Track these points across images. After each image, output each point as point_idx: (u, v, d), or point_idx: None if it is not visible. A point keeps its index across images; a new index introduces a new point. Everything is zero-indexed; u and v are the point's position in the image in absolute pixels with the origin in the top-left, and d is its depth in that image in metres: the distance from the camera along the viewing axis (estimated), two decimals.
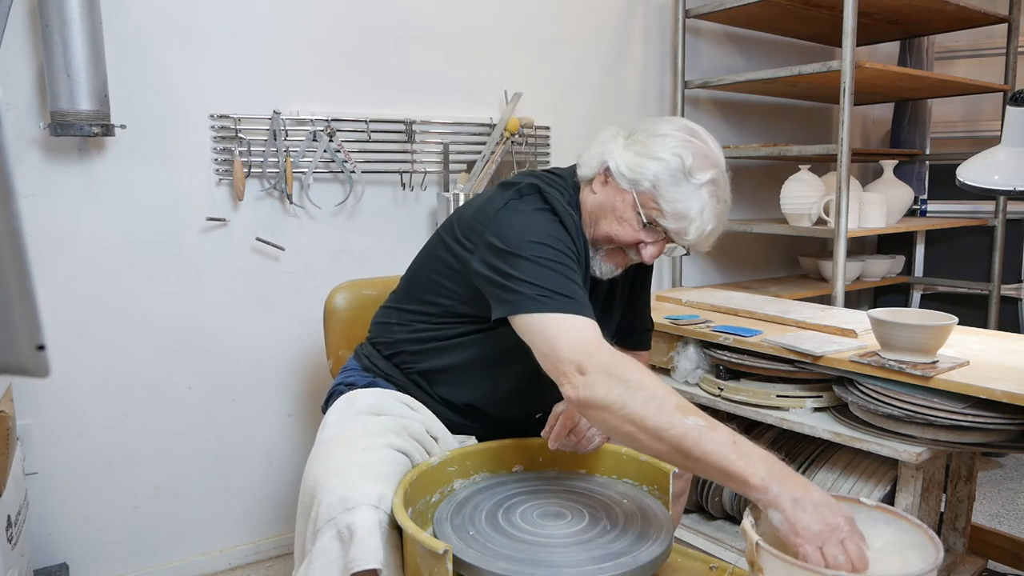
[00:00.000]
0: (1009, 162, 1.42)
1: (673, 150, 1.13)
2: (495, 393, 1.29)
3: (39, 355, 0.45)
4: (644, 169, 1.13)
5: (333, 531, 0.99)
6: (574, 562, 0.95)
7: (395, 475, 1.08)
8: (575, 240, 1.15)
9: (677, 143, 1.14)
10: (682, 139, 1.14)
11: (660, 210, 1.13)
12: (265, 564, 2.00)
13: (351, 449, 1.10)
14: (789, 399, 1.62)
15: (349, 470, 1.05)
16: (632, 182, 1.15)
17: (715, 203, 1.14)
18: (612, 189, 1.18)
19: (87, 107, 1.55)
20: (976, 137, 3.10)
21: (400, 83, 2.06)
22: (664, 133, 1.15)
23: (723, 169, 1.16)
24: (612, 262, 1.23)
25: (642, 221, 1.15)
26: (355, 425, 1.18)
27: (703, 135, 1.18)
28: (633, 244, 1.19)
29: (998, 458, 2.64)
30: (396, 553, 1.02)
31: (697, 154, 1.13)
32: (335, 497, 1.00)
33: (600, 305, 1.29)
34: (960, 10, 2.45)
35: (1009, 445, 1.40)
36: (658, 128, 1.17)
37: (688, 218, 1.12)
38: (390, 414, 1.23)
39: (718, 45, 2.77)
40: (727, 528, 1.83)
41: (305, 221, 1.96)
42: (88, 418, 1.75)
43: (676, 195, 1.12)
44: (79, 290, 1.71)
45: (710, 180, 1.12)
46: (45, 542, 1.73)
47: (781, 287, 2.71)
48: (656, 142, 1.14)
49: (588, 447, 1.16)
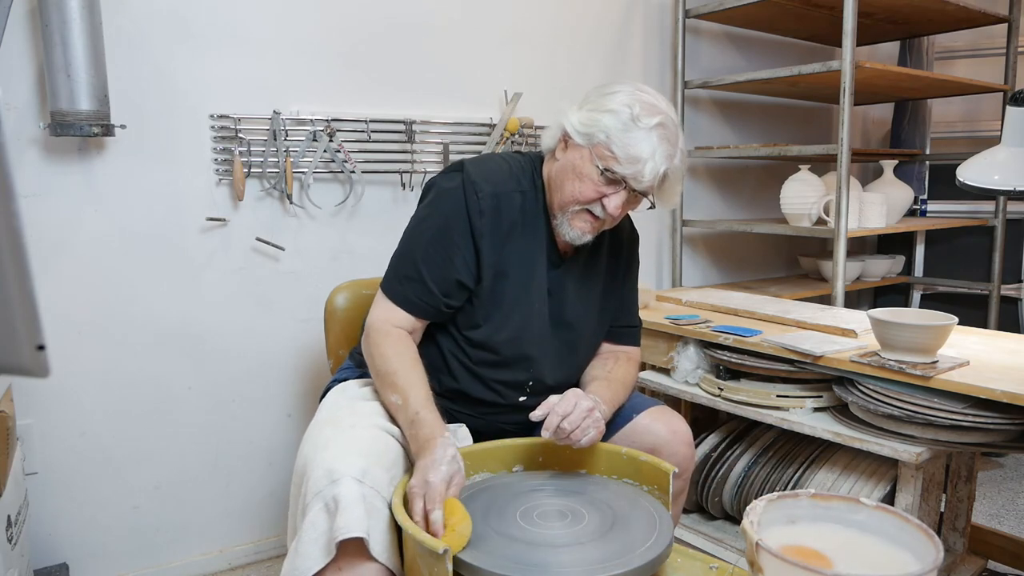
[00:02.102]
0: (1009, 162, 1.41)
1: (622, 102, 1.20)
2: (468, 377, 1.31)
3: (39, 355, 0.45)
4: (597, 123, 1.21)
5: (320, 504, 1.02)
6: (574, 562, 0.95)
7: (382, 453, 1.10)
8: (479, 210, 1.23)
9: (625, 96, 1.21)
10: (630, 92, 1.22)
11: (615, 156, 1.19)
12: (265, 564, 2.00)
13: (339, 428, 1.14)
14: (789, 399, 1.62)
15: (336, 446, 1.08)
16: (587, 136, 1.22)
17: (666, 145, 1.20)
18: (571, 150, 1.25)
19: (87, 107, 1.55)
20: (976, 137, 3.10)
21: (400, 83, 2.06)
22: (614, 91, 1.23)
23: (672, 118, 1.22)
24: (579, 226, 1.26)
25: (600, 171, 1.21)
26: (344, 408, 1.23)
27: (651, 91, 1.24)
28: (596, 199, 1.23)
29: (998, 458, 2.64)
30: (391, 534, 1.03)
31: (644, 103, 1.20)
32: (321, 471, 1.04)
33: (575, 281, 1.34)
34: (960, 10, 2.45)
35: (1009, 445, 1.40)
36: (608, 88, 1.25)
37: (641, 160, 1.18)
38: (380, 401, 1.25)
39: (718, 45, 2.77)
40: (727, 528, 1.83)
41: (305, 221, 1.96)
42: (88, 418, 1.75)
43: (627, 140, 1.18)
44: (79, 290, 1.71)
45: (658, 124, 1.19)
46: (45, 542, 1.73)
47: (781, 287, 2.71)
48: (607, 99, 1.22)
49: (581, 439, 1.15)
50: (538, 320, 1.30)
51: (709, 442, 1.84)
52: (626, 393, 1.37)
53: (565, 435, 1.14)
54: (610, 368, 1.39)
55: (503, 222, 1.25)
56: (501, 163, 1.32)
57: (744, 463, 1.75)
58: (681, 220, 2.61)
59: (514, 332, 1.28)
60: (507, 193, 1.27)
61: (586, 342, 1.40)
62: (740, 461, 1.76)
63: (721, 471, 1.77)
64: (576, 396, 1.18)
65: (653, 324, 1.88)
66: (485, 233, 1.24)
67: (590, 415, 1.16)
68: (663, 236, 2.71)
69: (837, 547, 0.89)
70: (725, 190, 2.90)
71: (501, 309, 1.27)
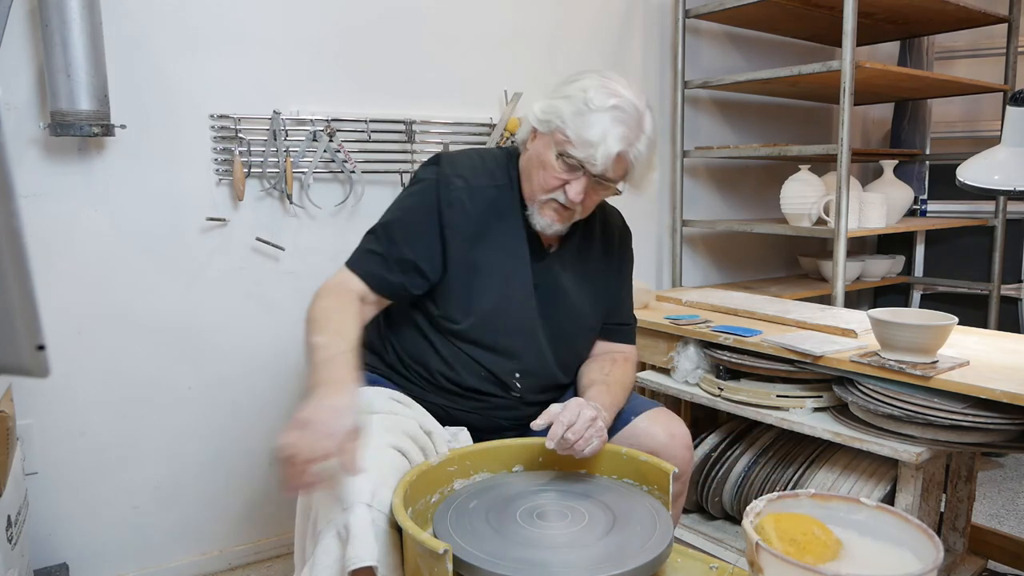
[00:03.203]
0: (1009, 162, 1.41)
1: (579, 87, 1.22)
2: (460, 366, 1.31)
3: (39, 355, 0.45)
4: (554, 109, 1.23)
5: (333, 531, 1.00)
6: (574, 562, 0.95)
7: (390, 473, 1.09)
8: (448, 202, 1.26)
9: (584, 82, 1.23)
10: (588, 78, 1.23)
11: (569, 141, 1.21)
12: (265, 564, 2.00)
13: None
14: (789, 399, 1.62)
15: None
16: (546, 123, 1.24)
17: (621, 128, 1.20)
18: (538, 140, 1.27)
19: (87, 107, 1.55)
20: (976, 137, 3.10)
21: (400, 83, 2.06)
22: (574, 79, 1.25)
23: (633, 103, 1.22)
24: (548, 215, 1.28)
25: (557, 157, 1.22)
26: None
27: (617, 78, 1.25)
28: (559, 186, 1.25)
29: (998, 458, 2.64)
30: (395, 552, 1.03)
31: (600, 88, 1.21)
32: (332, 498, 1.02)
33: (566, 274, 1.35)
34: (960, 10, 2.45)
35: (1009, 445, 1.40)
36: (571, 77, 1.26)
37: (592, 143, 1.19)
38: (381, 411, 1.24)
39: (718, 45, 2.77)
40: (727, 528, 1.83)
41: (305, 221, 1.96)
42: (88, 418, 1.75)
43: (580, 124, 1.19)
44: (79, 290, 1.71)
45: (612, 106, 1.19)
46: (45, 542, 1.73)
47: (781, 287, 2.71)
48: (566, 87, 1.24)
49: (585, 449, 1.15)
50: (521, 312, 1.30)
51: (709, 442, 1.84)
52: (625, 395, 1.38)
53: (569, 445, 1.14)
54: (608, 371, 1.39)
55: (474, 216, 1.27)
56: (476, 158, 1.34)
57: (744, 463, 1.75)
58: (681, 220, 2.61)
59: (494, 324, 1.29)
60: (480, 187, 1.29)
61: (580, 335, 1.40)
62: (740, 461, 1.76)
63: (721, 471, 1.77)
64: (579, 406, 1.17)
65: (653, 324, 1.88)
66: (453, 225, 1.26)
67: (593, 424, 1.16)
68: (663, 236, 2.71)
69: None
70: (725, 190, 2.90)
71: (479, 302, 1.28)
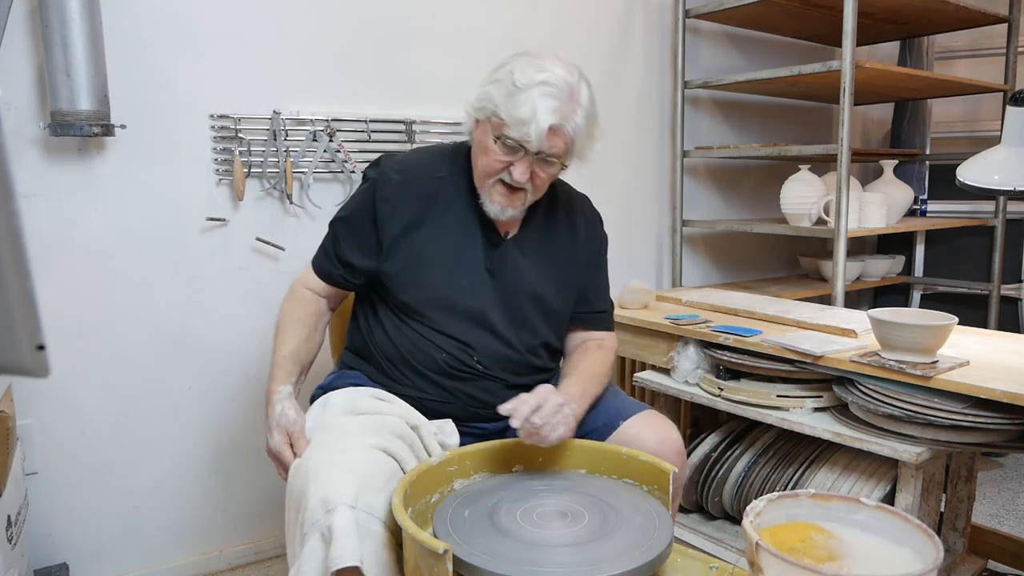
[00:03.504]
0: (1009, 162, 1.42)
1: (506, 70, 1.24)
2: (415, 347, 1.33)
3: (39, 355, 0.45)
4: (486, 95, 1.25)
5: (317, 533, 1.02)
6: (574, 562, 0.95)
7: (374, 474, 1.09)
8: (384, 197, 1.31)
9: (511, 64, 1.25)
10: (516, 60, 1.25)
11: (504, 122, 1.23)
12: (265, 564, 2.00)
13: (330, 451, 1.12)
14: (789, 399, 1.62)
15: (328, 473, 1.07)
16: (481, 110, 1.27)
17: (551, 102, 1.21)
18: (478, 129, 1.30)
19: (87, 107, 1.55)
20: (976, 137, 3.10)
21: (400, 83, 2.06)
22: (504, 63, 1.27)
23: (563, 77, 1.23)
24: (498, 200, 1.29)
25: (495, 140, 1.25)
26: (332, 428, 1.21)
27: (546, 56, 1.26)
28: (503, 169, 1.26)
29: (998, 458, 2.64)
30: (389, 552, 1.03)
31: (527, 67, 1.23)
32: (316, 501, 1.03)
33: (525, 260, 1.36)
34: (960, 10, 2.45)
35: (1009, 445, 1.40)
36: (502, 62, 1.29)
37: (524, 121, 1.20)
38: (366, 412, 1.25)
39: (718, 45, 2.77)
40: (727, 528, 1.83)
41: (305, 221, 1.96)
42: (88, 418, 1.75)
43: (511, 105, 1.21)
44: (79, 290, 1.71)
45: (540, 82, 1.21)
46: (45, 542, 1.73)
47: (781, 287, 2.71)
48: (496, 72, 1.27)
49: (551, 435, 1.15)
50: (470, 297, 1.31)
51: (709, 442, 1.84)
52: (599, 384, 1.37)
53: (535, 429, 1.14)
54: (576, 361, 1.39)
55: (411, 207, 1.30)
56: (419, 154, 1.40)
57: (744, 463, 1.75)
58: (681, 220, 2.61)
59: (444, 309, 1.31)
60: (418, 180, 1.33)
61: (544, 319, 1.39)
62: (740, 461, 1.76)
63: (721, 471, 1.77)
64: (547, 391, 1.18)
65: (653, 324, 1.88)
66: (388, 218, 1.30)
67: (560, 411, 1.17)
68: (663, 236, 2.71)
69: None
70: (725, 190, 2.90)
71: (428, 289, 1.31)
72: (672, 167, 2.61)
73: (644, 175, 2.64)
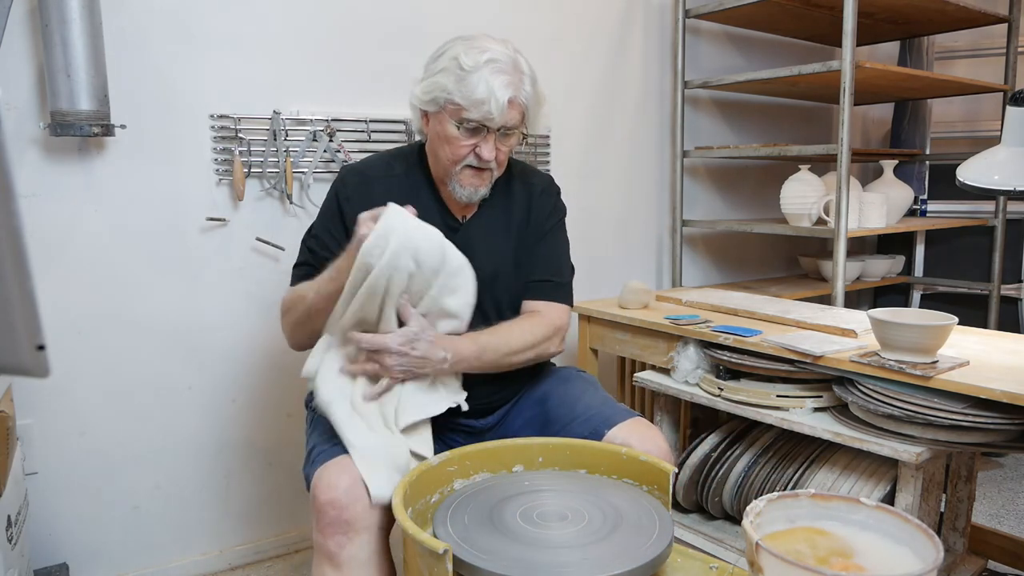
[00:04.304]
0: (1009, 162, 1.41)
1: (448, 57, 1.27)
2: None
3: (39, 355, 0.45)
4: (435, 87, 1.27)
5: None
6: (574, 562, 0.95)
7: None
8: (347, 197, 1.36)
9: (451, 51, 1.27)
10: (454, 46, 1.28)
11: (462, 107, 1.25)
12: (265, 564, 2.00)
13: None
14: (789, 399, 1.62)
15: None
16: (433, 102, 1.28)
17: (502, 77, 1.24)
18: (432, 121, 1.32)
19: (87, 107, 1.55)
20: (976, 137, 3.10)
21: (400, 83, 2.05)
22: (441, 52, 1.30)
23: (504, 52, 1.27)
24: (470, 183, 1.33)
25: (458, 126, 1.27)
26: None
27: (478, 36, 1.29)
28: (469, 152, 1.29)
29: (998, 458, 2.64)
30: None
31: (468, 49, 1.26)
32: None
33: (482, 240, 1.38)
34: (960, 10, 2.45)
35: (1009, 445, 1.40)
36: (437, 51, 1.32)
37: (483, 101, 1.23)
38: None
39: (718, 45, 2.77)
40: (727, 528, 1.83)
41: (305, 221, 1.96)
42: (88, 418, 1.75)
43: (464, 89, 1.24)
44: (79, 290, 1.71)
45: (486, 61, 1.24)
46: (45, 542, 1.73)
47: (781, 287, 2.71)
48: (436, 62, 1.29)
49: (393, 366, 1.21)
50: None
51: (709, 442, 1.84)
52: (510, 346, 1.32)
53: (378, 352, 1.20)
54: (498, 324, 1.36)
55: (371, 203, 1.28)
56: (375, 158, 1.45)
57: (744, 463, 1.75)
58: (681, 220, 2.61)
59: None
60: (376, 179, 1.38)
61: (505, 299, 1.39)
62: (740, 461, 1.76)
63: (721, 471, 1.77)
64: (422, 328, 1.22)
65: (653, 324, 1.88)
66: (351, 216, 1.29)
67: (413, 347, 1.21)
68: (663, 236, 2.71)
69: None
70: (725, 190, 2.90)
71: None
72: (672, 167, 2.61)
73: (644, 175, 2.64)
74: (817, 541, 0.89)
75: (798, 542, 0.88)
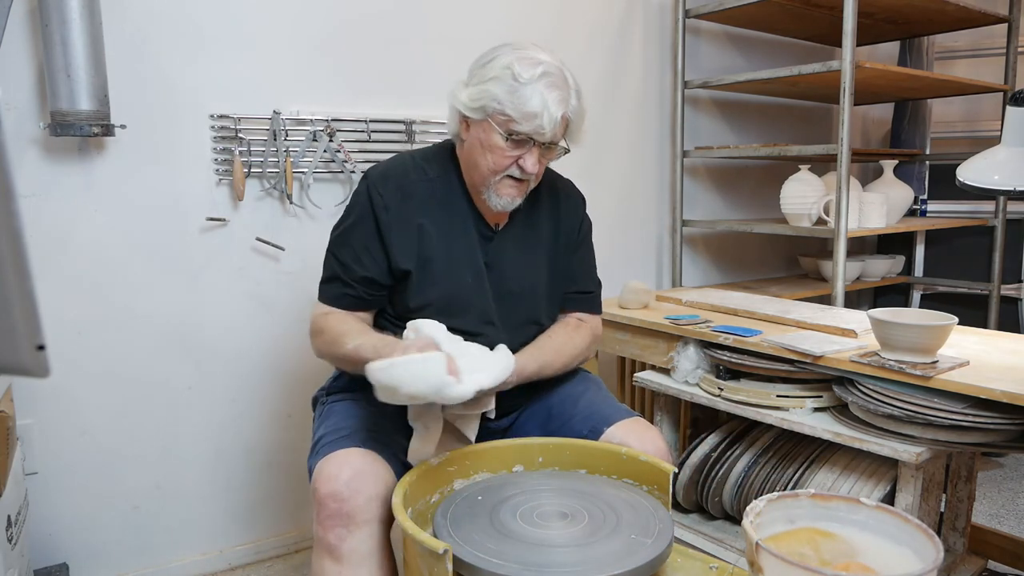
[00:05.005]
0: (1009, 162, 1.41)
1: (501, 65, 1.23)
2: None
3: (39, 355, 0.45)
4: (485, 93, 1.24)
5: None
6: (574, 562, 0.95)
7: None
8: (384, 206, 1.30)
9: (503, 59, 1.24)
10: (506, 54, 1.25)
11: (512, 119, 1.22)
12: (265, 564, 2.00)
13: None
14: (789, 399, 1.62)
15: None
16: (480, 109, 1.25)
17: (555, 92, 1.22)
18: (473, 128, 1.28)
19: (87, 107, 1.55)
20: (976, 137, 3.10)
21: (400, 83, 2.06)
22: (490, 58, 1.26)
23: (555, 65, 1.25)
24: (507, 193, 1.29)
25: (505, 137, 1.24)
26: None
27: (529, 45, 1.27)
28: (512, 164, 1.27)
29: (998, 458, 2.64)
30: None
31: (521, 60, 1.22)
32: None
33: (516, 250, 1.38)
34: (960, 10, 2.45)
35: (1009, 445, 1.40)
36: (486, 57, 1.28)
37: (536, 115, 1.21)
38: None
39: (718, 45, 2.77)
40: (727, 528, 1.83)
41: (305, 221, 1.96)
42: (88, 418, 1.75)
43: (517, 100, 1.21)
44: (79, 290, 1.71)
45: (541, 74, 1.22)
46: (45, 542, 1.73)
47: (781, 287, 2.71)
48: (486, 68, 1.26)
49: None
50: (475, 294, 1.32)
51: (709, 442, 1.84)
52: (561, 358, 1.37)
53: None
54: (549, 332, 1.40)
55: (412, 211, 1.30)
56: (405, 159, 1.38)
57: (744, 463, 1.75)
58: (681, 220, 2.61)
59: (452, 310, 1.30)
60: (411, 183, 1.32)
61: (541, 310, 1.40)
62: (740, 461, 1.76)
63: (721, 471, 1.77)
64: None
65: (653, 324, 1.88)
66: (393, 225, 1.29)
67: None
68: (663, 236, 2.71)
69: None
70: (725, 190, 2.90)
71: (433, 290, 1.31)
72: (672, 167, 2.61)
73: (644, 175, 2.64)
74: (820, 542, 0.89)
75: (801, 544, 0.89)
